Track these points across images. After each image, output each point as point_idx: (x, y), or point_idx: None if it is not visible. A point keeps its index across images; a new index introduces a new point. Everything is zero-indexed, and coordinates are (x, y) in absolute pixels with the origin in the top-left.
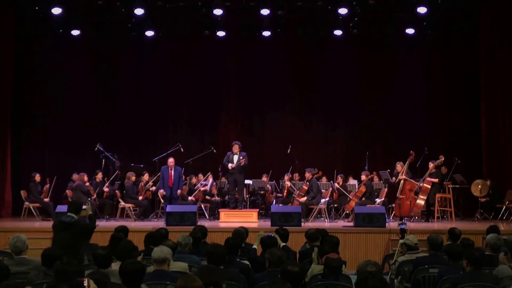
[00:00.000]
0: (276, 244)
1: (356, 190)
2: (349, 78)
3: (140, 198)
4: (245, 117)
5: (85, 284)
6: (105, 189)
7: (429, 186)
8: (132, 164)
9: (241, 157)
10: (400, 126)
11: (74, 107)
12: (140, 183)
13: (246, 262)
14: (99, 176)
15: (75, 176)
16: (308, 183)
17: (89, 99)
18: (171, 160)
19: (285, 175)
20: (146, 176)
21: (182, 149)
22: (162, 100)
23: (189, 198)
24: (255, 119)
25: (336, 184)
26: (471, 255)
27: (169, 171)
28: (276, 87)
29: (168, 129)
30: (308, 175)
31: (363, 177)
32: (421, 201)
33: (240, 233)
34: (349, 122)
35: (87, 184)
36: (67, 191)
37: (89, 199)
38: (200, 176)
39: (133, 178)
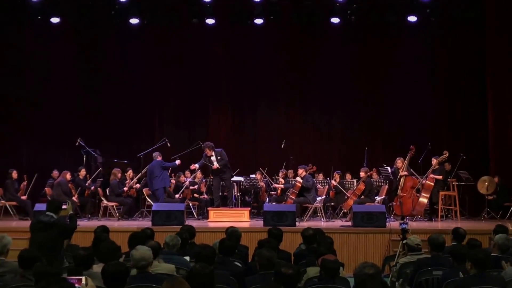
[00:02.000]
0: (273, 245)
1: (355, 188)
2: (347, 69)
3: (125, 188)
4: (236, 110)
5: (83, 282)
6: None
7: (432, 183)
8: (115, 160)
9: (218, 157)
10: (401, 120)
11: (54, 99)
12: (127, 180)
13: (239, 264)
14: (82, 173)
15: (55, 173)
16: (301, 180)
17: (70, 91)
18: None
19: (279, 172)
20: (130, 173)
21: (168, 144)
22: (148, 91)
23: (176, 196)
24: (246, 112)
25: (333, 182)
26: (475, 256)
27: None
28: (269, 78)
29: (153, 122)
30: (301, 171)
31: (362, 174)
32: (423, 199)
33: (236, 234)
34: (347, 115)
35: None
36: (46, 188)
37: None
38: (188, 173)
39: (119, 175)
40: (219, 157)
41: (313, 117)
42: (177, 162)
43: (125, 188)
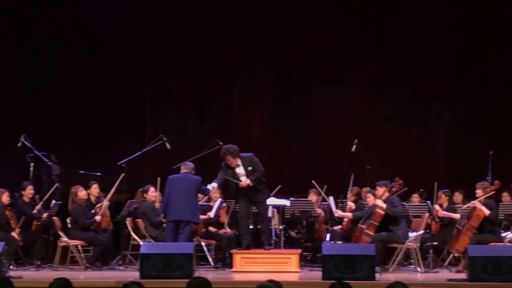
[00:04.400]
0: None
1: (468, 217)
2: (459, 23)
3: (98, 218)
4: (277, 91)
5: None
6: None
7: None
8: (81, 172)
9: (248, 167)
10: None
11: None
12: (101, 203)
13: None
14: (29, 192)
15: None
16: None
17: (9, 64)
18: None
19: (348, 192)
20: (94, 189)
21: (168, 146)
22: (134, 63)
23: None
24: (294, 93)
25: (436, 207)
26: None
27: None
28: (332, 39)
29: (143, 112)
30: (382, 191)
31: (478, 193)
32: None
33: None
34: (458, 99)
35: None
36: None
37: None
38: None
39: (83, 192)
40: (249, 168)
41: (403, 101)
42: (210, 186)
43: (98, 217)
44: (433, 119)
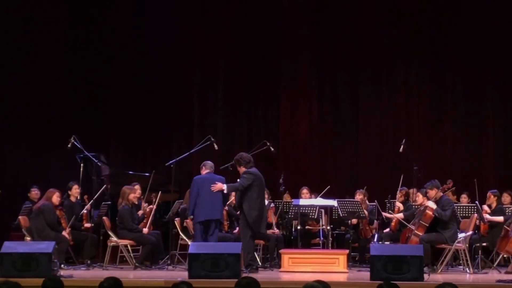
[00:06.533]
0: None
1: None
2: (510, 21)
3: (145, 230)
4: (324, 92)
5: None
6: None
7: None
8: (130, 172)
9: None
10: None
11: (35, 78)
12: (150, 208)
13: None
14: (75, 191)
15: (34, 193)
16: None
17: (60, 66)
18: None
19: (397, 192)
20: (137, 189)
21: (216, 146)
22: (182, 64)
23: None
24: (341, 94)
25: (485, 208)
26: None
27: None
28: (379, 38)
29: (191, 113)
30: (433, 192)
31: None
32: None
33: None
34: (507, 99)
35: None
36: (19, 217)
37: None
38: None
39: (132, 195)
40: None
41: (451, 102)
42: None
43: (145, 230)
44: (481, 119)
